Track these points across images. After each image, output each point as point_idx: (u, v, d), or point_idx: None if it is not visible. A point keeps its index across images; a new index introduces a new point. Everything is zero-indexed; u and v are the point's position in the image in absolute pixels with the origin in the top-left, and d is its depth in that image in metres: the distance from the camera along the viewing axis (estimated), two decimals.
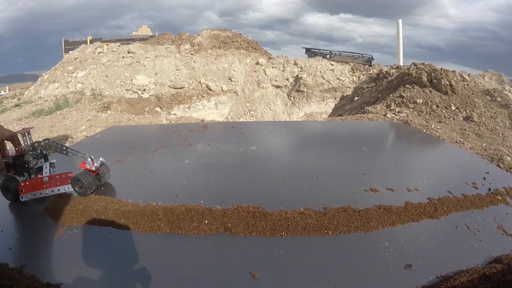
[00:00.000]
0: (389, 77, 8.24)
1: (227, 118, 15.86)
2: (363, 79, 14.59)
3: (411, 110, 6.56)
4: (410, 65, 7.84)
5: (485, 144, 5.12)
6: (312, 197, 1.20)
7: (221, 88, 16.17)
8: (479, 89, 7.35)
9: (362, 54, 19.49)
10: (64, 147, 1.29)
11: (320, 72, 17.32)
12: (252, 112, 16.22)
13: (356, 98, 9.05)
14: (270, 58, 18.78)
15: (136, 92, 14.18)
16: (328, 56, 19.77)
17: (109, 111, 9.59)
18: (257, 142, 2.12)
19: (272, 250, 0.91)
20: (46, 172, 1.31)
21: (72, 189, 1.26)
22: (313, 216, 1.04)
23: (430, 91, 6.83)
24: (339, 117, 7.90)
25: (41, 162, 1.31)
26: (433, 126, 5.68)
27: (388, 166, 1.65)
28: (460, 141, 5.21)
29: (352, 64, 18.56)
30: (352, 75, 17.59)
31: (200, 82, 15.86)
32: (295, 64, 17.91)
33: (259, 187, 1.31)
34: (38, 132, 7.28)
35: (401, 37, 17.52)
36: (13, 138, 1.24)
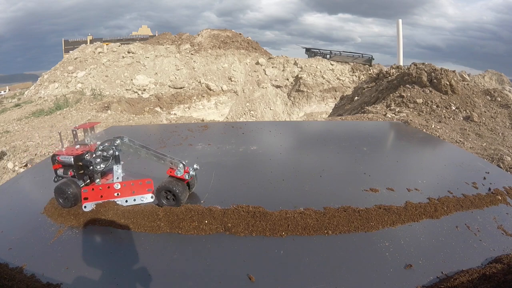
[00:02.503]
0: (389, 77, 8.24)
1: (227, 118, 15.86)
2: (363, 79, 14.60)
3: (411, 110, 6.56)
4: (410, 65, 7.84)
5: (485, 144, 5.12)
6: (312, 197, 1.20)
7: (221, 88, 16.17)
8: (479, 89, 7.35)
9: (362, 54, 19.50)
10: (145, 149, 1.08)
11: (320, 72, 17.32)
12: (252, 112, 16.22)
13: (356, 98, 9.04)
14: (270, 58, 18.77)
15: (136, 92, 14.19)
16: (328, 56, 19.76)
17: (109, 111, 9.59)
18: (257, 142, 2.12)
19: (272, 250, 0.91)
20: (117, 177, 1.09)
21: (152, 199, 1.09)
22: (313, 216, 1.04)
23: (430, 91, 6.82)
24: (339, 117, 7.90)
25: (109, 165, 1.09)
26: (433, 126, 5.68)
27: (388, 166, 1.65)
28: (460, 141, 5.21)
29: (352, 64, 18.57)
30: (352, 75, 17.59)
31: (200, 82, 15.86)
32: (295, 64, 17.91)
33: (259, 187, 1.31)
34: (38, 132, 7.29)
35: (401, 37, 17.51)
36: None
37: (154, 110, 12.92)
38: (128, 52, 16.32)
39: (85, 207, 1.07)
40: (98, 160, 1.06)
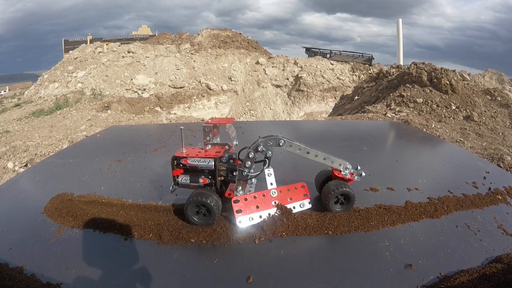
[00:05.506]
0: (389, 77, 8.24)
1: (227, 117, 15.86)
2: (363, 79, 14.59)
3: (411, 109, 6.56)
4: (410, 65, 7.84)
5: (485, 143, 5.12)
6: (312, 197, 1.20)
7: (221, 87, 16.16)
8: (479, 88, 7.36)
9: (362, 53, 19.50)
10: (309, 149, 0.97)
11: (320, 71, 17.32)
12: (252, 112, 16.22)
13: (356, 97, 9.04)
14: (270, 58, 18.77)
15: (136, 91, 14.19)
16: (328, 56, 19.75)
17: (109, 111, 9.59)
18: None
19: (272, 250, 0.91)
20: (271, 183, 0.97)
21: (310, 206, 0.99)
22: (313, 216, 1.04)
23: (430, 91, 6.82)
24: (339, 117, 7.90)
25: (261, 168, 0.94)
26: (433, 125, 5.68)
27: (388, 165, 1.65)
28: (460, 140, 5.21)
29: (352, 63, 18.57)
30: (352, 75, 17.60)
31: (200, 81, 15.86)
32: (295, 63, 17.91)
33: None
34: (38, 132, 7.29)
35: (401, 37, 17.49)
36: None
37: (154, 110, 12.92)
38: (128, 52, 16.32)
39: (239, 222, 0.91)
40: (249, 163, 0.89)
